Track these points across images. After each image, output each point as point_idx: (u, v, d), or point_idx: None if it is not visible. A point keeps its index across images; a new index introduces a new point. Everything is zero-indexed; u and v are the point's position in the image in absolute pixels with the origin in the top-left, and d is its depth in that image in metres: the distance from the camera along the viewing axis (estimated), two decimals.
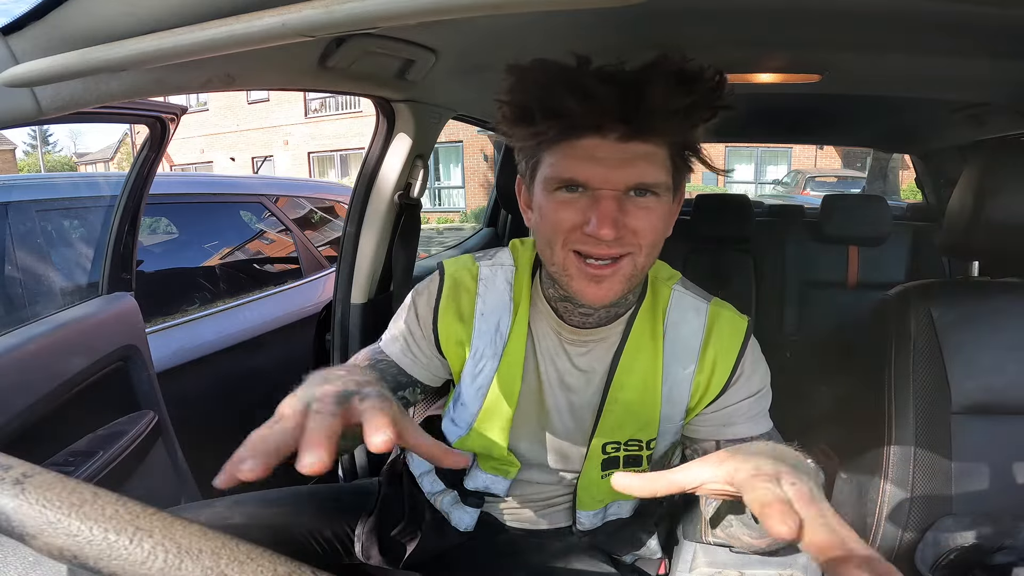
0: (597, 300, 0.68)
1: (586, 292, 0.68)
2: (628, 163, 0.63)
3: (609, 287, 0.67)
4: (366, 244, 1.37)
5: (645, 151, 0.63)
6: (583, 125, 0.62)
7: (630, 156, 0.63)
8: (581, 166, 0.63)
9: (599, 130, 0.62)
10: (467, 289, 0.82)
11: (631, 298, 0.78)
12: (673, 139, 0.65)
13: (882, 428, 1.05)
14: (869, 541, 1.05)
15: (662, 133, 0.63)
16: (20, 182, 2.12)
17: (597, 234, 0.63)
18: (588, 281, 0.67)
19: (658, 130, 0.63)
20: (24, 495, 0.29)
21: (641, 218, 0.65)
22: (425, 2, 0.32)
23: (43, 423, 1.18)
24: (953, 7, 0.76)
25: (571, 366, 0.80)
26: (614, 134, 0.62)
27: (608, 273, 0.66)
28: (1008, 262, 1.09)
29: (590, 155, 0.63)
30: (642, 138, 0.63)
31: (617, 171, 0.63)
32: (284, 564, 0.28)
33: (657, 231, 0.67)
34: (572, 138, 0.63)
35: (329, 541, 0.88)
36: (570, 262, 0.67)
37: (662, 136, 0.64)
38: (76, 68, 0.46)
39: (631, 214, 0.64)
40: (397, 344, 0.85)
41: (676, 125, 0.63)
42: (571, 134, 0.63)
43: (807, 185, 10.30)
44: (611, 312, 0.78)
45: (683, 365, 0.79)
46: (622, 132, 0.62)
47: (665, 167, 0.66)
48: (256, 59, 0.80)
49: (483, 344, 0.81)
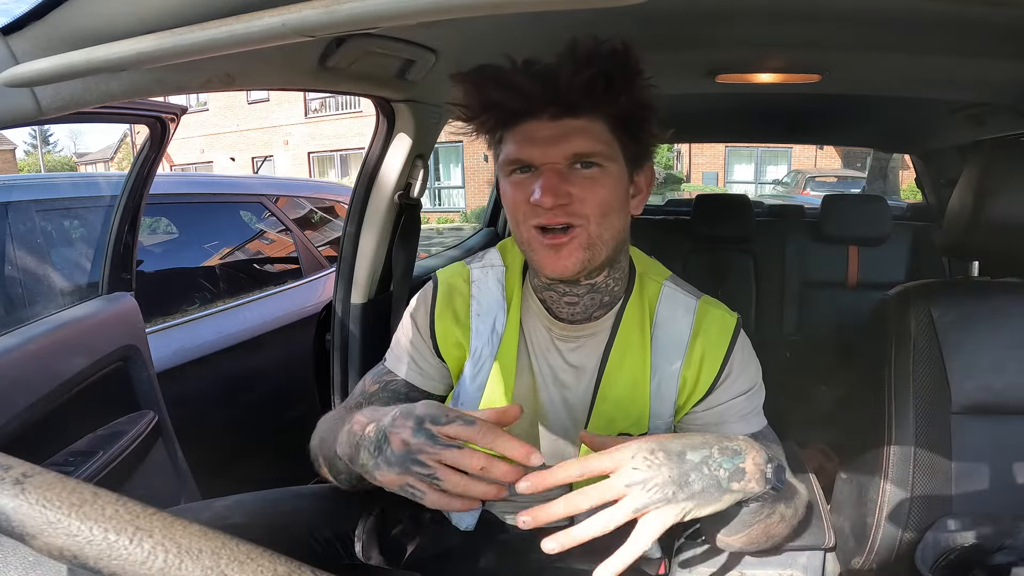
0: (558, 270, 0.72)
1: (546, 263, 0.72)
2: (563, 138, 0.69)
3: (568, 255, 0.71)
4: (366, 244, 1.37)
5: (578, 125, 0.69)
6: (517, 111, 0.70)
7: (564, 132, 0.69)
8: (523, 147, 0.71)
9: (532, 114, 0.70)
10: (460, 292, 0.84)
11: (615, 287, 0.79)
12: (600, 110, 0.70)
13: (882, 428, 1.05)
14: (869, 541, 1.05)
15: (589, 106, 0.69)
16: (20, 182, 2.12)
17: (540, 202, 0.68)
18: (547, 251, 0.71)
19: (582, 105, 0.69)
20: (24, 495, 0.29)
21: (585, 187, 0.70)
22: (425, 2, 0.32)
23: (43, 423, 1.18)
24: (953, 7, 0.76)
25: (563, 362, 0.81)
26: (545, 115, 0.69)
27: (564, 241, 0.70)
28: (1008, 262, 1.09)
29: (529, 136, 0.70)
30: (572, 114, 0.69)
31: (553, 147, 0.69)
32: (284, 564, 0.28)
33: (604, 201, 0.71)
34: (513, 125, 0.71)
35: (329, 541, 0.88)
36: (532, 236, 0.72)
37: (587, 110, 0.69)
38: (76, 68, 0.46)
39: (575, 184, 0.70)
40: (402, 361, 0.87)
41: (594, 96, 0.68)
42: (510, 121, 0.71)
43: (807, 185, 10.30)
44: (595, 300, 0.79)
45: (670, 361, 0.79)
46: (551, 112, 0.69)
47: (603, 139, 0.71)
48: (256, 59, 0.81)
49: (481, 344, 0.82)
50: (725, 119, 2.18)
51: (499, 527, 0.91)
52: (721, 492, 0.58)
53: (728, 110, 1.91)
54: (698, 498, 0.57)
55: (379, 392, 0.85)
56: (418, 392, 0.86)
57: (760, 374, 0.82)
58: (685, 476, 0.57)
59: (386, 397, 0.85)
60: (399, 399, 0.85)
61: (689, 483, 0.57)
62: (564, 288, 0.77)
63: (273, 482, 0.97)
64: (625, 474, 0.57)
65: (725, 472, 0.59)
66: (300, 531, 0.87)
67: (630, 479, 0.56)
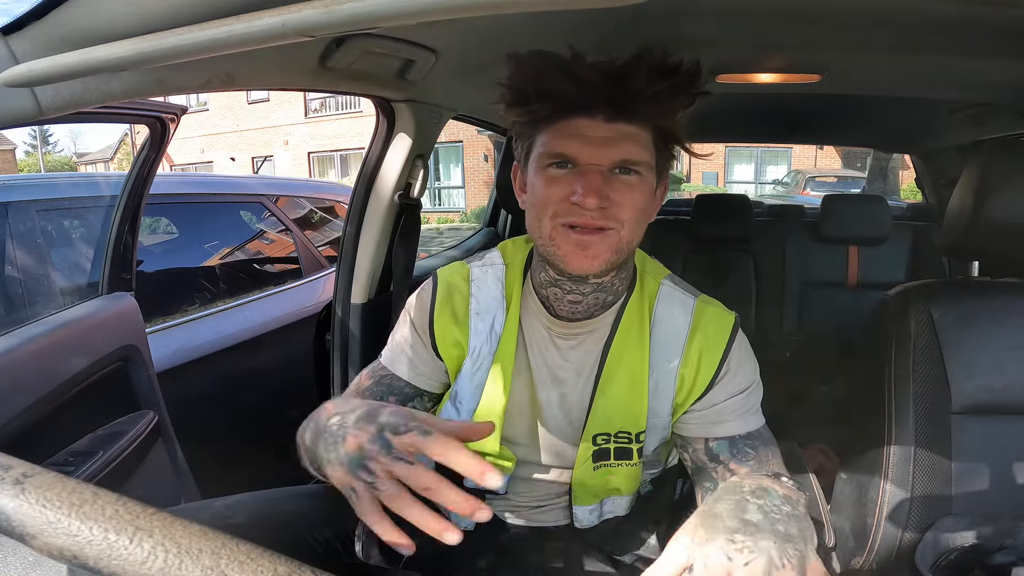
0: (584, 267, 0.71)
1: (572, 259, 0.71)
2: (614, 141, 0.69)
3: (596, 254, 0.70)
4: (366, 244, 1.37)
5: (630, 131, 0.69)
6: (573, 105, 0.68)
7: (616, 135, 0.69)
8: (571, 143, 0.69)
9: (588, 111, 0.68)
10: (460, 291, 0.84)
11: (619, 286, 0.79)
12: (655, 122, 0.71)
13: (882, 428, 1.05)
14: (869, 541, 1.05)
15: (645, 115, 0.69)
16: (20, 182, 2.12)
17: (583, 202, 0.67)
18: (575, 247, 0.70)
19: (641, 112, 0.68)
20: (24, 495, 0.29)
21: (624, 193, 0.70)
22: (425, 2, 0.32)
23: (43, 423, 1.18)
24: (953, 7, 0.76)
25: (561, 360, 0.81)
26: (601, 115, 0.68)
27: (596, 240, 0.70)
28: (1008, 262, 1.09)
29: (579, 133, 0.69)
30: (627, 119, 0.69)
31: (603, 148, 0.69)
32: (284, 564, 0.28)
33: (638, 208, 0.71)
34: (564, 118, 0.69)
35: (329, 541, 0.88)
36: (558, 232, 0.71)
37: (645, 118, 0.69)
38: (76, 68, 0.46)
39: (615, 189, 0.69)
40: (399, 358, 0.86)
41: (657, 107, 0.68)
42: (563, 114, 0.69)
43: (807, 185, 10.30)
44: (599, 299, 0.79)
45: (668, 359, 0.79)
46: (608, 113, 0.68)
47: (648, 148, 0.71)
48: (256, 59, 0.81)
49: (480, 343, 0.82)
50: (725, 119, 2.18)
51: (499, 527, 0.91)
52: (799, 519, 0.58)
53: (728, 110, 1.91)
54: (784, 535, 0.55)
55: (373, 386, 0.85)
56: (412, 388, 0.86)
57: (757, 372, 0.82)
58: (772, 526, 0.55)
59: (380, 392, 0.85)
60: (393, 394, 0.85)
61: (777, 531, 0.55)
62: (570, 285, 0.77)
63: (273, 482, 0.97)
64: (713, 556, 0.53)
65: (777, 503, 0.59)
66: (300, 531, 0.87)
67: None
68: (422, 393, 0.87)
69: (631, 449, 0.81)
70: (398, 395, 0.85)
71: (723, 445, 0.78)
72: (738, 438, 0.78)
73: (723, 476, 0.77)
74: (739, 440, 0.78)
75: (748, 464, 0.77)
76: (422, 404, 0.88)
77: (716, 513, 0.58)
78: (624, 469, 0.82)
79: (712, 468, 0.79)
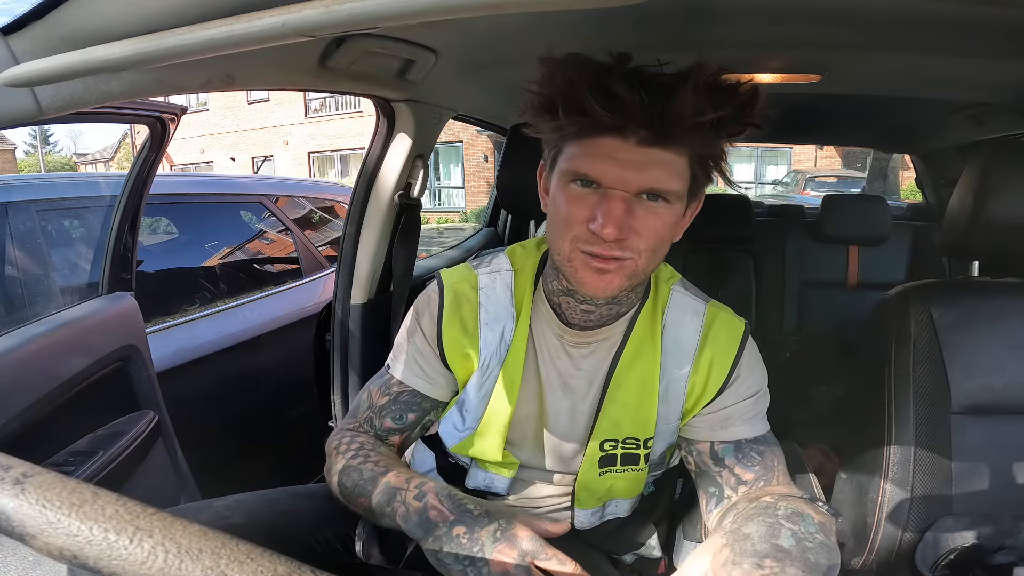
0: (598, 292, 0.69)
1: (588, 282, 0.68)
2: (644, 167, 0.63)
3: (611, 280, 0.68)
4: (366, 244, 1.37)
5: (664, 158, 0.64)
6: (604, 125, 0.62)
7: (647, 161, 0.63)
8: (597, 164, 0.64)
9: (620, 132, 0.62)
10: (468, 300, 0.82)
11: (634, 298, 0.78)
12: (695, 150, 0.65)
13: (882, 428, 1.04)
14: (869, 541, 1.05)
15: (684, 143, 0.63)
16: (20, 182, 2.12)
17: (600, 232, 0.64)
18: (591, 272, 0.68)
19: (680, 139, 0.63)
20: (24, 495, 0.29)
21: (647, 222, 0.65)
22: (425, 2, 0.32)
23: (43, 423, 1.18)
24: (953, 7, 0.76)
25: (573, 368, 0.80)
26: (635, 137, 0.62)
27: (612, 268, 0.67)
28: (1008, 262, 1.09)
29: (608, 155, 0.63)
30: (663, 145, 0.63)
31: (632, 173, 0.63)
32: (284, 564, 0.28)
33: (661, 237, 0.68)
34: (593, 136, 0.64)
35: (329, 541, 0.88)
36: (576, 255, 0.68)
37: (684, 145, 0.64)
38: (76, 68, 0.46)
39: (638, 217, 0.65)
40: (410, 369, 0.84)
41: (700, 136, 0.63)
42: (592, 132, 0.64)
43: (807, 185, 10.29)
44: (612, 311, 0.78)
45: (679, 365, 0.79)
46: (643, 136, 0.62)
47: (682, 176, 0.66)
48: (256, 59, 0.80)
49: (490, 353, 0.81)
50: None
51: None
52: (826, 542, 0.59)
53: None
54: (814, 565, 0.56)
55: (389, 404, 0.84)
56: (430, 402, 0.85)
57: (766, 379, 0.81)
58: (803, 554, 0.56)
59: (399, 410, 0.84)
60: (412, 411, 0.84)
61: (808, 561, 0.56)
62: (583, 297, 0.75)
63: (273, 482, 0.97)
64: None
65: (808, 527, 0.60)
66: (300, 531, 0.87)
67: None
68: (438, 404, 0.86)
69: (638, 455, 0.81)
70: (417, 411, 0.84)
71: (728, 449, 0.78)
72: (744, 442, 0.78)
73: (727, 480, 0.77)
74: (745, 444, 0.78)
75: (753, 469, 0.76)
76: (436, 415, 0.87)
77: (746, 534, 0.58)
78: (630, 475, 0.82)
79: (717, 472, 0.78)
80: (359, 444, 0.81)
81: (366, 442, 0.82)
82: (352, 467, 0.77)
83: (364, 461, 0.77)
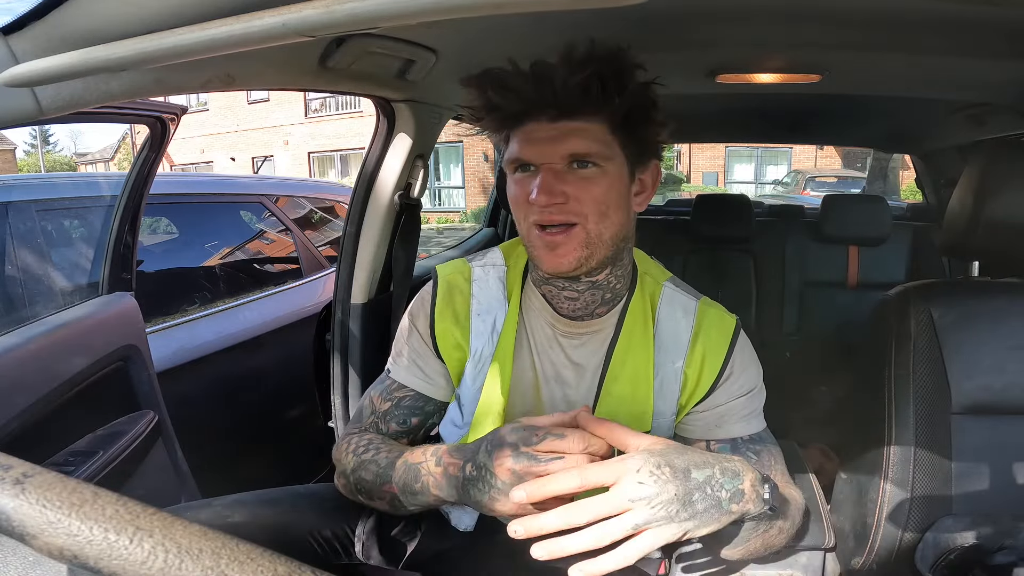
0: (554, 267, 0.73)
1: (545, 259, 0.73)
2: (560, 139, 0.70)
3: (564, 253, 0.72)
4: (366, 244, 1.37)
5: (576, 127, 0.70)
6: (518, 113, 0.72)
7: (562, 132, 0.70)
8: (523, 147, 0.72)
9: (532, 115, 0.71)
10: (461, 291, 0.84)
11: (615, 282, 0.79)
12: (601, 112, 0.71)
13: (882, 428, 1.04)
14: (869, 541, 1.05)
15: (584, 108, 0.70)
16: (20, 182, 2.12)
17: (535, 201, 0.70)
18: (545, 249, 0.73)
19: (577, 106, 0.69)
20: (24, 495, 0.29)
21: (581, 187, 0.71)
22: (425, 2, 0.32)
23: (43, 423, 1.18)
24: (953, 7, 0.76)
25: (565, 359, 0.81)
26: (545, 116, 0.71)
27: (561, 240, 0.71)
28: (1008, 262, 1.09)
29: (529, 137, 0.72)
30: (569, 116, 0.70)
31: (550, 146, 0.71)
32: (284, 564, 0.28)
33: (600, 199, 0.72)
34: (516, 125, 0.73)
35: (329, 541, 0.88)
36: (532, 234, 0.74)
37: (585, 112, 0.70)
38: (76, 68, 0.46)
39: (571, 184, 0.71)
40: (408, 370, 0.86)
41: (590, 99, 0.69)
42: (513, 122, 0.73)
43: (807, 185, 10.30)
44: (596, 296, 0.79)
45: (672, 360, 0.80)
46: (550, 114, 0.70)
47: (601, 140, 0.71)
48: (256, 59, 0.81)
49: (482, 344, 0.82)
50: (725, 119, 2.18)
51: (498, 527, 0.91)
52: (720, 513, 0.58)
53: (728, 110, 1.91)
54: (699, 518, 0.57)
55: (392, 409, 0.85)
56: (432, 404, 0.86)
57: (761, 376, 0.82)
58: (689, 495, 0.56)
59: (402, 415, 0.85)
60: (415, 415, 0.85)
61: (692, 503, 0.56)
62: (563, 283, 0.78)
63: (273, 482, 0.97)
64: (628, 488, 0.55)
65: (726, 493, 0.58)
66: (300, 531, 0.87)
67: (634, 494, 0.55)
68: (442, 406, 0.87)
69: None
70: (420, 415, 0.85)
71: (725, 448, 0.78)
72: (740, 441, 0.78)
73: None
74: (741, 444, 0.78)
75: None
76: (440, 417, 0.87)
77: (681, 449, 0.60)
78: None
79: None
80: (368, 440, 0.82)
81: (374, 438, 0.83)
82: (368, 460, 0.78)
83: (377, 453, 0.79)
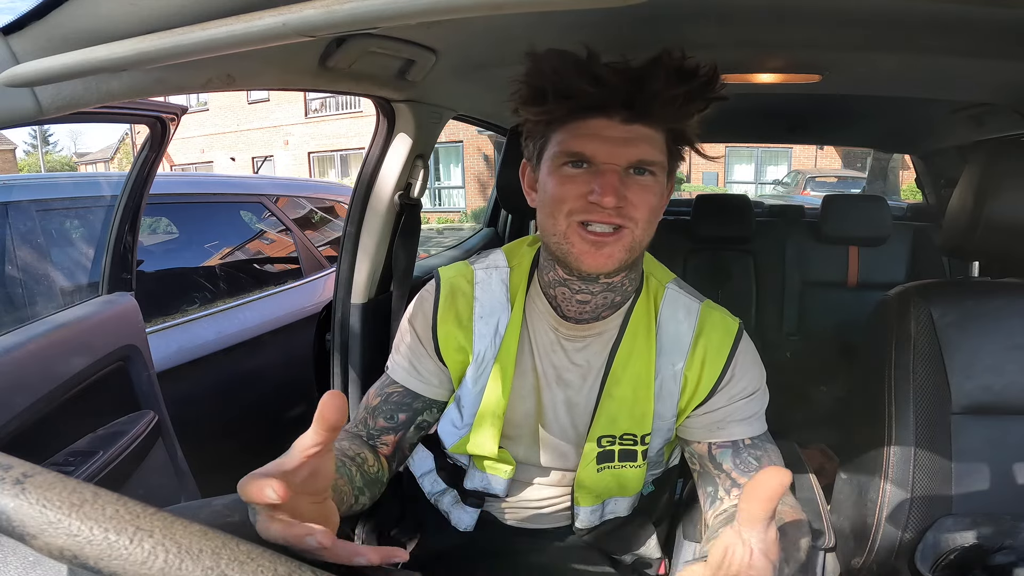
0: (597, 266, 0.71)
1: (586, 258, 0.71)
2: (630, 142, 0.69)
3: (610, 253, 0.71)
4: (366, 244, 1.37)
5: (645, 133, 0.70)
6: (591, 106, 0.68)
7: (632, 136, 0.69)
8: (588, 143, 0.69)
9: (605, 111, 0.68)
10: (464, 293, 0.83)
11: (627, 284, 0.79)
12: (670, 125, 0.72)
13: (882, 428, 1.05)
14: (869, 541, 1.05)
15: (660, 118, 0.70)
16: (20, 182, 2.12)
17: (601, 201, 0.68)
18: (589, 246, 0.71)
19: (657, 115, 0.69)
20: (24, 495, 0.29)
21: (638, 193, 0.70)
22: (425, 2, 0.32)
23: (43, 423, 1.18)
24: (953, 7, 0.76)
25: (568, 362, 0.81)
26: (619, 116, 0.69)
27: (611, 240, 0.70)
28: (1008, 262, 1.09)
29: (596, 133, 0.69)
30: (643, 121, 0.69)
31: (620, 148, 0.69)
32: (284, 564, 0.28)
33: (652, 207, 0.72)
34: (580, 118, 0.70)
35: None
36: (572, 231, 0.71)
37: (660, 121, 0.70)
38: (76, 68, 0.46)
39: (630, 189, 0.70)
40: (402, 367, 0.85)
41: (673, 111, 0.69)
42: (580, 114, 0.70)
43: (807, 185, 10.29)
44: (608, 299, 0.78)
45: (674, 361, 0.79)
46: (626, 115, 0.68)
47: (662, 150, 0.72)
48: (256, 59, 0.80)
49: (484, 347, 0.81)
50: (726, 119, 2.18)
51: (498, 528, 0.91)
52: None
53: (729, 110, 1.90)
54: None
55: (382, 405, 0.84)
56: (422, 401, 0.84)
57: (764, 379, 0.81)
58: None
59: (389, 410, 0.84)
60: (403, 411, 0.84)
61: None
62: (580, 285, 0.76)
63: None
64: None
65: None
66: None
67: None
68: (432, 404, 0.85)
69: (636, 451, 0.81)
70: (408, 411, 0.84)
71: (726, 453, 0.78)
72: (742, 444, 0.78)
73: (723, 482, 0.77)
74: (742, 447, 0.77)
75: (749, 475, 0.76)
76: (432, 416, 0.86)
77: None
78: (628, 471, 0.82)
79: (716, 475, 0.78)
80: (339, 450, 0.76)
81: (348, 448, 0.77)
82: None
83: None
